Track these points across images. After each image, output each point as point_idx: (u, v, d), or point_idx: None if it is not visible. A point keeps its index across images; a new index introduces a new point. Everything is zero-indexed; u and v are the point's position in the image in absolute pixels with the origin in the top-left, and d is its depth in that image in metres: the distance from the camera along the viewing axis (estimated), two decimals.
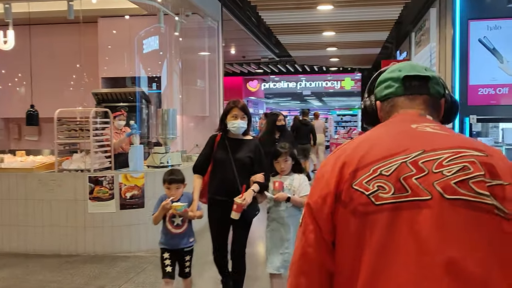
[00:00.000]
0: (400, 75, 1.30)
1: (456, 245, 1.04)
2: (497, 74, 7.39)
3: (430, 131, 1.19)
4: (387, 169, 1.12)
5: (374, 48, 13.74)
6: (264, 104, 36.70)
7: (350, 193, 1.13)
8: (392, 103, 1.31)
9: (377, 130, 1.28)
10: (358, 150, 1.18)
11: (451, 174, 1.08)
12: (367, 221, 1.10)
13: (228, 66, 18.17)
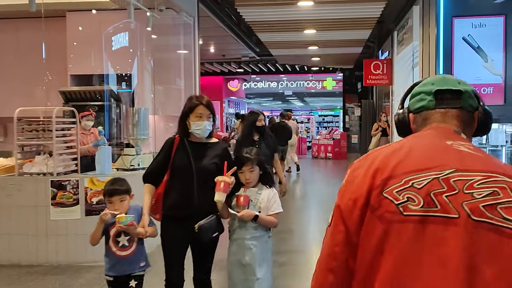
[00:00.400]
0: (432, 88, 1.32)
1: (479, 264, 1.07)
2: (482, 74, 7.18)
3: (464, 150, 1.21)
4: (419, 182, 1.15)
5: (356, 47, 13.52)
6: (245, 104, 36.40)
7: (380, 200, 1.17)
8: (425, 116, 1.34)
9: (412, 140, 1.30)
10: (392, 158, 1.22)
11: (480, 197, 1.11)
12: (393, 229, 1.14)
13: (208, 65, 17.80)
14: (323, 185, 12.44)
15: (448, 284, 1.07)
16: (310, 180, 13.85)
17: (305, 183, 13.24)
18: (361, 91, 20.56)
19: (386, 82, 11.86)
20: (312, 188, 12.14)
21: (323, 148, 19.64)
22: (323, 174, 15.37)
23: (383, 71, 11.81)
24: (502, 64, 7.10)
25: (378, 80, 11.90)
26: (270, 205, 3.20)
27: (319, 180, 13.76)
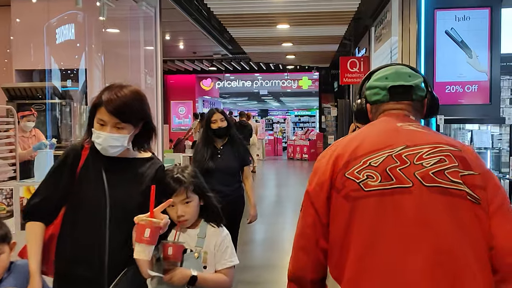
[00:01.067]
0: (386, 84, 1.51)
1: (434, 225, 1.28)
2: (466, 70, 6.65)
3: (412, 129, 1.44)
4: (375, 161, 1.36)
5: (332, 45, 12.97)
6: (221, 104, 35.71)
7: (343, 181, 1.37)
8: (380, 107, 1.55)
9: (366, 128, 1.52)
10: (349, 145, 1.43)
11: (429, 165, 1.33)
12: (357, 205, 1.34)
13: (179, 63, 17.05)
14: (297, 189, 11.86)
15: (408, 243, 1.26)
16: (284, 183, 13.25)
17: (278, 186, 12.63)
18: (338, 90, 20.07)
19: None
20: (287, 191, 11.54)
21: (299, 149, 19.10)
22: (298, 176, 14.78)
23: (360, 69, 11.27)
24: (487, 60, 6.59)
25: (355, 79, 11.36)
26: (219, 256, 2.12)
27: (293, 183, 13.17)
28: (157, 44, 7.37)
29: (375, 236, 1.30)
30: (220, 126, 4.08)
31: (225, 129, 4.14)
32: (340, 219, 1.36)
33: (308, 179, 1.49)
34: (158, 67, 7.38)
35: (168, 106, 20.61)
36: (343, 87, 18.69)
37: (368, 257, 1.30)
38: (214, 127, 4.06)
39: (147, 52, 7.36)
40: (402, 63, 7.38)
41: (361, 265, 1.31)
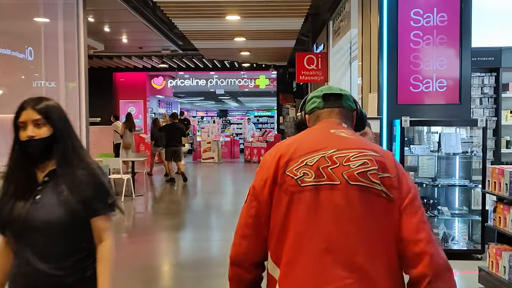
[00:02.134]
0: (320, 93, 1.78)
1: (354, 216, 1.52)
2: (434, 66, 5.88)
3: (343, 135, 1.66)
4: (310, 161, 1.57)
5: (288, 41, 12.11)
6: (178, 104, 34.47)
7: (284, 177, 1.58)
8: (317, 114, 1.77)
9: (305, 133, 1.75)
10: (291, 146, 1.63)
11: (355, 167, 1.56)
12: (294, 198, 1.55)
13: (126, 59, 15.85)
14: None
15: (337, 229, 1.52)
16: (235, 190, 12.31)
17: (227, 193, 11.67)
18: (297, 90, 19.31)
19: (321, 78, 10.52)
20: (237, 200, 10.58)
21: (256, 152, 18.20)
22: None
23: (318, 66, 10.46)
24: (457, 56, 5.84)
25: (312, 77, 10.54)
26: None
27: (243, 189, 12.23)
28: (80, 39, 6.27)
29: (308, 224, 1.54)
30: (34, 137, 1.95)
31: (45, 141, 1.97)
32: (280, 210, 1.57)
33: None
34: (82, 65, 6.28)
35: (117, 105, 19.34)
36: (302, 86, 17.93)
37: (302, 242, 1.53)
38: (23, 137, 1.96)
39: (68, 47, 6.25)
40: (362, 58, 6.47)
41: (296, 249, 1.54)
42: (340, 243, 1.51)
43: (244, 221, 1.63)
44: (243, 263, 1.65)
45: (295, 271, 1.53)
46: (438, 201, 5.82)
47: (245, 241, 1.63)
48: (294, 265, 1.53)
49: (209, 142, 18.37)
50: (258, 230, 1.61)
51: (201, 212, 8.92)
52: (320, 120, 1.74)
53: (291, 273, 1.53)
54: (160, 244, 6.58)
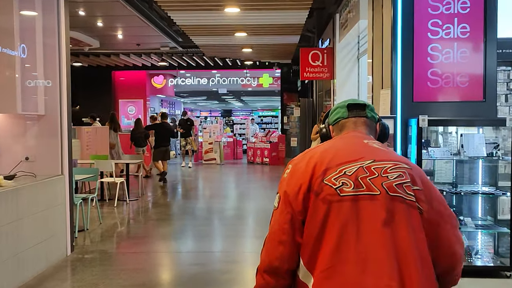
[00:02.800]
0: (344, 104, 1.82)
1: (391, 225, 1.55)
2: (454, 60, 5.25)
3: (376, 147, 1.70)
4: (349, 171, 1.60)
5: (292, 36, 11.49)
6: (181, 104, 33.94)
7: (322, 186, 1.59)
8: (341, 124, 1.82)
9: (337, 141, 1.77)
10: (326, 155, 1.65)
11: (393, 178, 1.60)
12: (333, 207, 1.57)
13: (124, 57, 15.28)
14: (256, 202, 10.31)
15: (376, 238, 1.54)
16: (238, 193, 11.69)
17: (229, 197, 11.06)
18: (302, 89, 18.69)
19: (326, 75, 9.89)
20: (241, 205, 9.96)
21: (259, 153, 17.59)
22: (257, 185, 13.22)
23: (323, 63, 9.84)
24: (481, 47, 5.20)
25: (317, 74, 9.92)
26: None
27: (251, 195, 11.62)
28: (61, 33, 5.67)
29: (347, 234, 1.54)
30: None
31: None
32: (317, 218, 1.57)
33: (279, 183, 1.71)
34: (63, 62, 5.67)
35: (116, 105, 18.79)
36: (307, 85, 17.30)
37: (342, 251, 1.54)
38: None
39: (47, 42, 5.64)
40: (373, 52, 5.83)
41: (334, 258, 1.54)
42: (380, 253, 1.53)
43: (279, 227, 1.64)
44: (279, 270, 1.65)
45: (333, 280, 1.53)
46: (459, 210, 5.18)
47: (281, 247, 1.63)
48: (331, 274, 1.54)
49: (210, 142, 17.77)
50: (293, 236, 1.63)
51: (201, 219, 8.31)
52: (346, 130, 1.80)
53: (328, 282, 1.54)
54: (154, 257, 5.96)
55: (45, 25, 5.66)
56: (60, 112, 5.68)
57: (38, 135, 5.73)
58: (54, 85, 5.66)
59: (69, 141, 5.82)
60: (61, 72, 5.68)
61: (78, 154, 10.88)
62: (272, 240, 1.65)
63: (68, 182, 5.78)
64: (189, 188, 12.46)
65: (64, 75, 5.70)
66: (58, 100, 5.67)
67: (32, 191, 5.03)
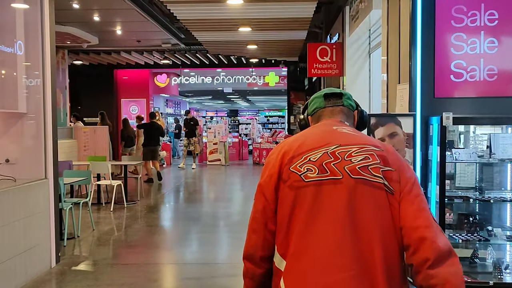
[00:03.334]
0: (321, 94, 1.87)
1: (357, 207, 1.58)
2: (481, 50, 4.68)
3: (345, 132, 1.72)
4: (314, 157, 1.64)
5: (299, 31, 10.94)
6: (187, 103, 33.47)
7: (289, 173, 1.64)
8: (319, 114, 1.86)
9: (309, 130, 1.82)
10: (294, 143, 1.71)
11: (356, 161, 1.62)
12: (299, 193, 1.61)
13: (125, 55, 14.78)
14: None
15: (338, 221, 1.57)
16: (244, 196, 11.16)
17: (234, 201, 10.52)
18: (309, 87, 18.12)
19: (335, 72, 9.33)
20: (246, 209, 9.43)
21: (265, 153, 17.05)
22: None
23: (332, 58, 9.27)
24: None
25: (325, 70, 9.35)
26: None
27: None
28: (44, 22, 5.18)
29: (313, 218, 1.59)
30: None
31: None
32: (286, 205, 1.63)
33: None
34: (47, 53, 5.19)
35: (118, 104, 18.31)
36: (315, 83, 16.71)
37: (308, 234, 1.58)
38: None
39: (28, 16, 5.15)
40: (388, 43, 5.27)
41: (302, 241, 1.58)
42: (343, 235, 1.56)
43: (253, 216, 1.71)
44: (254, 257, 1.71)
45: (301, 263, 1.58)
46: (487, 219, 4.61)
47: (254, 235, 1.70)
48: (300, 257, 1.58)
49: (215, 143, 17.26)
50: (265, 225, 1.67)
51: (204, 225, 7.77)
52: (322, 119, 1.83)
53: (297, 265, 1.58)
54: (148, 269, 5.41)
55: (26, 15, 5.17)
56: (44, 110, 5.17)
57: (19, 135, 5.23)
58: (36, 81, 5.15)
59: (54, 142, 5.31)
60: (44, 66, 5.18)
61: (75, 155, 10.40)
62: (248, 229, 1.73)
63: (52, 186, 5.27)
64: (191, 191, 11.94)
65: (48, 69, 5.20)
66: (41, 97, 5.17)
67: (10, 197, 4.53)
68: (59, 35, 10.76)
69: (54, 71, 5.32)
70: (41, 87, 5.14)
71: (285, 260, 1.61)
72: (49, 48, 5.20)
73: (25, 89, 5.14)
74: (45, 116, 5.16)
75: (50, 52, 5.23)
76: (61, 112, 12.99)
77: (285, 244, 1.62)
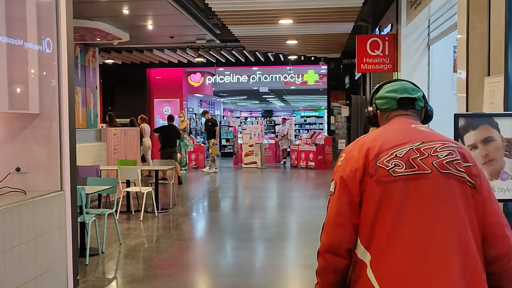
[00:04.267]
0: (396, 96, 1.87)
1: (445, 201, 1.64)
2: None
3: (424, 130, 1.79)
4: (400, 153, 1.68)
5: (345, 24, 9.99)
6: (221, 104, 32.86)
7: (375, 168, 1.67)
8: (390, 113, 1.90)
9: (387, 128, 1.85)
10: (377, 140, 1.74)
11: (443, 157, 1.68)
12: (387, 187, 1.65)
13: (158, 53, 14.14)
14: (301, 216, 8.88)
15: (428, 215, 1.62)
16: (283, 204, 10.28)
17: (274, 210, 9.64)
18: (350, 86, 17.11)
19: (388, 67, 8.36)
20: (286, 220, 8.56)
21: (304, 156, 16.12)
22: (303, 194, 11.77)
23: (384, 52, 8.31)
24: None
25: (377, 65, 8.39)
26: None
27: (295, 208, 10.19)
28: (59, 13, 4.41)
29: (402, 211, 1.63)
30: None
31: None
32: (372, 199, 1.66)
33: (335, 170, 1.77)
34: (63, 47, 4.43)
35: (151, 105, 17.72)
36: (357, 82, 15.71)
37: (397, 227, 1.62)
38: None
39: (41, 7, 4.41)
40: (468, 25, 4.34)
41: (392, 234, 1.62)
42: (433, 227, 1.61)
43: (337, 210, 1.72)
44: (339, 250, 1.72)
45: (389, 256, 1.61)
46: None
47: (339, 228, 1.71)
48: (388, 250, 1.62)
49: (251, 145, 16.45)
50: (350, 217, 1.70)
51: (242, 239, 6.92)
52: (393, 117, 1.87)
53: (385, 257, 1.62)
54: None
55: (40, 7, 4.43)
56: (60, 110, 4.42)
57: (32, 140, 4.50)
58: (50, 77, 4.41)
59: (72, 147, 4.55)
60: (60, 62, 4.43)
61: (103, 159, 9.75)
62: (332, 222, 1.73)
63: (70, 199, 4.52)
64: (226, 198, 11.15)
65: (64, 66, 4.45)
66: (56, 95, 4.43)
67: (18, 214, 3.79)
68: (89, 31, 10.15)
69: (71, 68, 4.57)
70: (57, 88, 4.40)
71: (369, 252, 1.66)
72: (66, 42, 4.45)
73: (37, 85, 4.40)
74: (61, 116, 4.42)
75: (67, 46, 4.47)
76: (91, 113, 12.42)
77: (371, 237, 1.66)
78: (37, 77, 4.43)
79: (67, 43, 4.50)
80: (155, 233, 7.14)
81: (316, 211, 8.57)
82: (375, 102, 1.92)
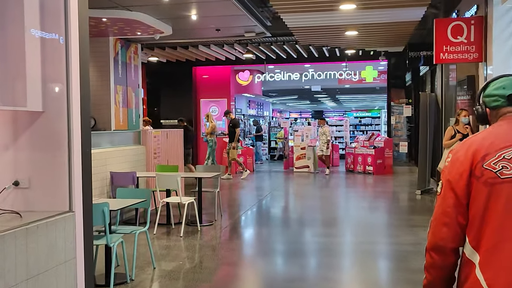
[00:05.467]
0: (505, 93, 1.83)
1: None
2: None
3: None
4: (508, 155, 1.67)
5: (416, 9, 8.60)
6: (270, 104, 31.77)
7: (482, 171, 1.67)
8: (499, 111, 1.85)
9: (495, 128, 1.82)
10: (484, 142, 1.72)
11: None
12: (494, 189, 1.65)
13: (203, 48, 13.16)
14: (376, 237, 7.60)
15: None
16: (343, 217, 9.01)
17: (333, 225, 8.38)
18: (412, 82, 15.59)
19: (474, 57, 6.96)
20: (348, 239, 7.32)
21: (361, 159, 14.74)
22: (363, 205, 10.45)
23: (469, 38, 6.92)
24: None
25: (459, 54, 7.01)
26: None
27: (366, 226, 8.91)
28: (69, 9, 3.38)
29: (509, 214, 1.62)
30: None
31: None
32: (479, 200, 1.67)
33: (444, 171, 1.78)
34: (72, 39, 3.41)
35: (198, 106, 16.82)
36: (422, 77, 14.19)
37: (504, 229, 1.62)
38: None
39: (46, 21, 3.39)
40: None
41: (498, 236, 1.63)
42: None
43: (443, 211, 1.76)
44: (444, 249, 1.76)
45: (498, 256, 1.62)
46: None
47: (445, 228, 1.74)
48: (496, 251, 1.62)
49: (303, 147, 15.24)
50: (456, 218, 1.72)
51: (303, 266, 5.77)
52: (503, 115, 1.84)
53: (494, 258, 1.63)
54: None
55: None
56: (68, 108, 3.40)
57: (33, 145, 3.49)
58: (56, 69, 3.38)
59: (85, 155, 3.52)
60: (68, 52, 3.39)
61: (143, 164, 8.82)
62: (437, 222, 1.77)
63: (82, 222, 3.49)
64: (277, 208, 9.99)
65: (76, 56, 3.42)
66: (64, 90, 3.40)
67: (10, 247, 2.79)
68: (128, 24, 9.26)
69: (85, 58, 3.54)
70: (65, 85, 3.37)
71: (477, 252, 1.68)
72: (77, 28, 3.41)
73: (43, 87, 3.39)
74: (70, 115, 3.39)
75: (80, 34, 3.43)
76: (133, 113, 11.58)
77: (478, 238, 1.68)
78: (39, 69, 3.41)
79: (79, 31, 3.45)
80: (197, 254, 6.06)
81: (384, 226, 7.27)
82: (484, 100, 1.92)
